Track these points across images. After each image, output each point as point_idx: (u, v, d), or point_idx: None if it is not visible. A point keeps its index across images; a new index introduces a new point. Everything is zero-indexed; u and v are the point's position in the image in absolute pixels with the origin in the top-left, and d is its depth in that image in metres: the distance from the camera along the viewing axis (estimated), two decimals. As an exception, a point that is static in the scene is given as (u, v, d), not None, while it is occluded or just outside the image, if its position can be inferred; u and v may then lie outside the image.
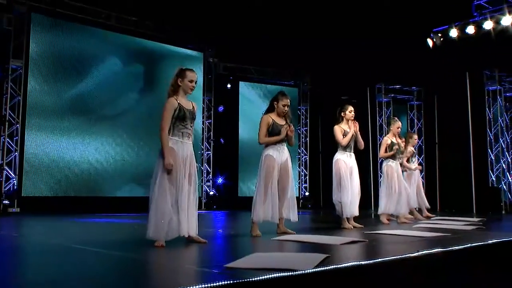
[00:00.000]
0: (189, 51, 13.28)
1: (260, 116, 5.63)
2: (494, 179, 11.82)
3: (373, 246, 4.46)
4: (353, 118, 6.68)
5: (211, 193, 13.16)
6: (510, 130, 12.34)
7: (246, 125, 14.33)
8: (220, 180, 13.79)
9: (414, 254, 3.63)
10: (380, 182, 8.96)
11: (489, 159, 11.91)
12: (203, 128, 13.34)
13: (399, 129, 7.91)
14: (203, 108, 13.38)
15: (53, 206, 10.42)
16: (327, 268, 2.96)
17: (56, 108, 10.84)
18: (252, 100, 14.54)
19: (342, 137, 6.51)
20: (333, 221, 6.94)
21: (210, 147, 13.46)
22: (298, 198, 14.57)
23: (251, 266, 3.04)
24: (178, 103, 4.49)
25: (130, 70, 12.13)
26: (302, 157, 15.19)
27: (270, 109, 5.60)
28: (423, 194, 9.15)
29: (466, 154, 12.06)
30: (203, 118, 13.37)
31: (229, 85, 14.38)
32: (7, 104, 10.30)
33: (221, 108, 14.32)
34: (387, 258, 3.45)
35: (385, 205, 7.53)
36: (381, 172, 8.42)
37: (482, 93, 12.01)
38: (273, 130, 5.46)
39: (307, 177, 15.20)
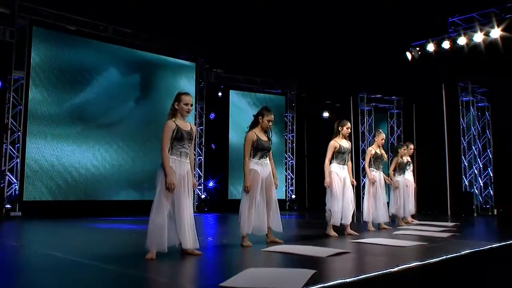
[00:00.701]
0: (182, 61, 13.32)
1: (249, 122, 5.66)
2: (467, 183, 12.03)
3: (356, 259, 4.57)
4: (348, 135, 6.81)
5: (203, 196, 13.22)
6: (482, 137, 12.54)
7: (236, 131, 14.41)
8: (211, 184, 13.85)
9: (394, 269, 3.74)
10: (364, 191, 9.05)
11: (462, 165, 12.11)
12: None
13: (383, 141, 8.01)
14: (195, 115, 13.43)
15: (53, 210, 10.48)
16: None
17: (55, 117, 10.85)
18: (241, 108, 14.63)
19: (331, 156, 6.61)
20: (319, 227, 7.02)
21: (202, 152, 13.52)
22: (284, 201, 14.72)
23: (245, 285, 3.14)
24: (176, 124, 4.57)
25: (127, 80, 12.16)
26: (288, 162, 15.31)
27: (254, 125, 5.62)
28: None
29: (442, 160, 12.25)
30: (195, 124, 13.41)
31: (220, 94, 14.48)
32: (9, 113, 10.31)
33: (212, 115, 14.41)
34: (370, 274, 3.56)
35: (367, 215, 7.65)
36: (363, 177, 8.50)
37: (457, 104, 12.20)
38: (257, 146, 5.48)
39: (293, 181, 15.32)
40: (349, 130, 6.83)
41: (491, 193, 12.22)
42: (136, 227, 7.85)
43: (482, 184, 12.26)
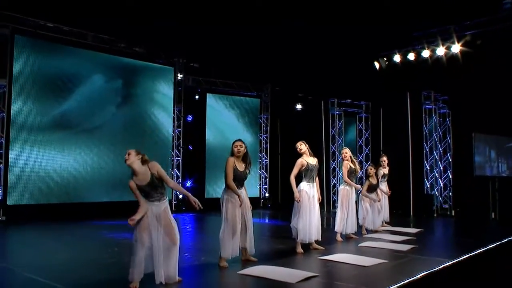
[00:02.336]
0: (160, 66, 13.41)
1: (226, 124, 5.83)
2: (428, 186, 12.56)
3: (323, 285, 4.90)
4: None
5: (180, 196, 13.45)
6: (443, 142, 13.06)
7: (212, 133, 14.67)
8: (188, 183, 14.06)
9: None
10: (336, 204, 9.33)
11: (424, 168, 12.62)
12: (173, 136, 13.56)
13: (347, 153, 8.29)
14: (173, 117, 13.58)
15: (37, 213, 10.61)
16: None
17: (38, 123, 10.88)
18: (218, 110, 14.85)
19: (296, 172, 6.85)
20: (288, 237, 7.26)
21: (180, 154, 13.70)
22: (258, 199, 15.06)
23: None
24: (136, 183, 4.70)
25: (109, 86, 12.21)
26: (263, 161, 15.62)
27: (232, 153, 5.86)
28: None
29: (406, 164, 12.74)
30: (173, 127, 13.59)
31: (197, 97, 14.64)
32: (-8, 120, 10.29)
33: (189, 118, 14.56)
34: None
35: (338, 225, 8.01)
36: (334, 181, 8.69)
37: (420, 111, 12.65)
38: (234, 173, 5.71)
39: (267, 179, 15.65)
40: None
41: (450, 194, 12.78)
42: (118, 236, 8.05)
43: (442, 186, 12.80)
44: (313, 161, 6.94)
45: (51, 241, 7.91)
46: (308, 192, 6.84)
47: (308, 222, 6.73)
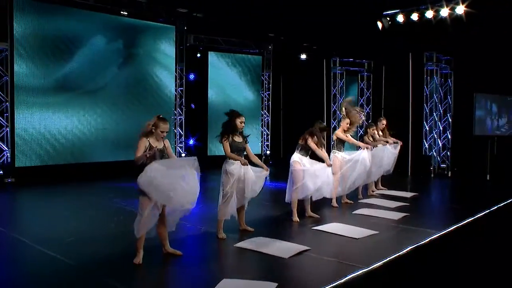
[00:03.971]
0: (161, 25, 13.34)
1: (228, 82, 5.93)
2: (427, 146, 12.79)
3: (313, 260, 5.22)
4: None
5: (183, 154, 13.77)
6: (443, 102, 13.15)
7: (214, 91, 14.79)
8: (191, 142, 14.35)
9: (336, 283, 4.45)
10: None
11: (424, 129, 12.79)
12: (175, 95, 13.70)
13: (348, 125, 8.47)
14: (176, 76, 13.66)
15: (44, 174, 10.96)
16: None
17: (41, 86, 11.00)
18: (220, 68, 14.88)
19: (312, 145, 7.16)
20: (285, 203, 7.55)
21: (182, 112, 13.88)
22: (260, 156, 15.37)
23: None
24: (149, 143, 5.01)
25: (110, 47, 12.20)
26: (264, 118, 15.81)
27: (228, 130, 6.06)
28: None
29: (405, 125, 12.91)
30: (175, 86, 13.69)
31: (199, 55, 14.64)
32: (-4, 84, 10.45)
33: (191, 76, 14.63)
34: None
35: (332, 191, 8.31)
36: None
37: (422, 72, 12.66)
38: (232, 145, 6.01)
39: (269, 136, 15.91)
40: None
41: (448, 154, 13.02)
42: (125, 204, 8.35)
43: (441, 145, 13.01)
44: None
45: (59, 207, 8.22)
46: (302, 161, 7.10)
47: (316, 181, 7.03)
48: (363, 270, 4.77)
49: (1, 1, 10.31)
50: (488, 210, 7.89)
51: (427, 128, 12.76)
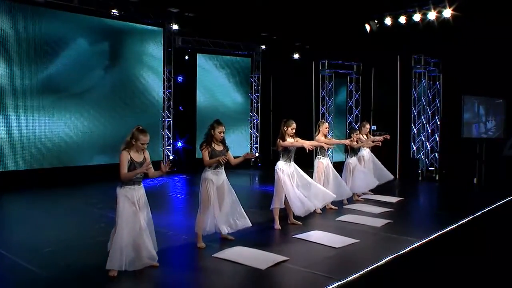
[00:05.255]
0: (149, 27, 13.29)
1: (216, 85, 5.90)
2: (415, 149, 12.80)
3: (291, 271, 5.20)
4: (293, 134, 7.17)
5: (171, 157, 13.74)
6: (432, 105, 13.17)
7: (203, 93, 14.77)
8: (179, 144, 14.31)
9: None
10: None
11: (412, 132, 12.81)
12: (163, 98, 13.66)
13: (327, 129, 8.47)
14: (164, 78, 13.63)
15: (29, 178, 10.89)
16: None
17: (26, 89, 10.93)
18: (208, 70, 14.87)
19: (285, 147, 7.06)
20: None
21: (170, 115, 13.85)
22: (250, 158, 15.32)
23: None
24: (131, 156, 4.97)
25: (95, 49, 12.15)
26: (254, 121, 15.79)
27: (208, 140, 6.09)
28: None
29: (394, 128, 12.92)
30: (163, 88, 13.65)
31: (186, 57, 14.60)
32: (-20, 87, 10.37)
33: (180, 79, 14.59)
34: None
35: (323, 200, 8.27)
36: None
37: (410, 75, 12.68)
38: (212, 154, 6.01)
39: (258, 139, 15.89)
40: (294, 130, 7.11)
41: (436, 156, 13.04)
42: (109, 211, 8.31)
43: (429, 148, 13.03)
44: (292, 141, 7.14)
45: (42, 214, 8.18)
46: (285, 171, 7.04)
47: (297, 193, 6.96)
48: (338, 283, 4.77)
49: (-15, 4, 10.23)
50: (469, 218, 7.90)
51: (415, 131, 12.78)
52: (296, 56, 15.76)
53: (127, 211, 4.85)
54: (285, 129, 7.09)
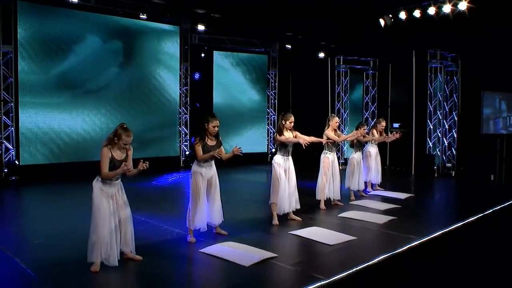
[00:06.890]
0: (165, 26, 13.18)
1: (232, 81, 5.69)
2: (431, 145, 12.24)
3: (274, 271, 4.91)
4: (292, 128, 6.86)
5: (187, 152, 13.62)
6: (449, 101, 12.56)
7: (219, 90, 14.58)
8: (197, 140, 14.14)
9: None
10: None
11: (428, 128, 12.24)
12: (180, 94, 13.55)
13: (337, 124, 8.11)
14: (180, 76, 13.52)
15: (48, 172, 10.99)
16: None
17: (44, 86, 11.03)
18: (225, 67, 14.67)
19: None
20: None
21: (187, 111, 13.73)
22: (266, 154, 15.04)
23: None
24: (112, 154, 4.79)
25: (112, 47, 12.15)
26: (271, 117, 15.50)
27: (202, 134, 5.90)
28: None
29: (409, 123, 12.41)
30: (180, 85, 13.55)
31: (203, 55, 14.44)
32: (1, 85, 10.46)
33: (196, 76, 14.45)
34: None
35: (320, 193, 7.98)
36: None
37: (426, 70, 12.11)
38: (205, 149, 5.83)
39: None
40: (292, 124, 6.79)
41: (454, 152, 12.44)
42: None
43: (446, 144, 12.44)
44: (291, 135, 6.82)
45: (44, 207, 8.17)
46: (282, 165, 6.78)
47: (287, 193, 6.74)
48: (320, 283, 4.45)
49: (6, 5, 10.31)
50: (475, 217, 7.39)
51: (431, 127, 12.20)
52: (321, 55, 15.30)
53: (103, 205, 4.71)
54: (283, 123, 6.78)
